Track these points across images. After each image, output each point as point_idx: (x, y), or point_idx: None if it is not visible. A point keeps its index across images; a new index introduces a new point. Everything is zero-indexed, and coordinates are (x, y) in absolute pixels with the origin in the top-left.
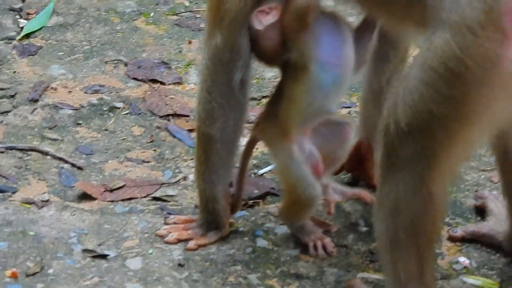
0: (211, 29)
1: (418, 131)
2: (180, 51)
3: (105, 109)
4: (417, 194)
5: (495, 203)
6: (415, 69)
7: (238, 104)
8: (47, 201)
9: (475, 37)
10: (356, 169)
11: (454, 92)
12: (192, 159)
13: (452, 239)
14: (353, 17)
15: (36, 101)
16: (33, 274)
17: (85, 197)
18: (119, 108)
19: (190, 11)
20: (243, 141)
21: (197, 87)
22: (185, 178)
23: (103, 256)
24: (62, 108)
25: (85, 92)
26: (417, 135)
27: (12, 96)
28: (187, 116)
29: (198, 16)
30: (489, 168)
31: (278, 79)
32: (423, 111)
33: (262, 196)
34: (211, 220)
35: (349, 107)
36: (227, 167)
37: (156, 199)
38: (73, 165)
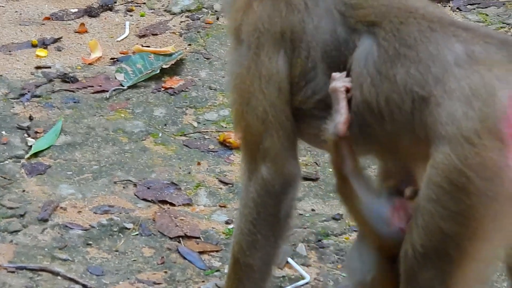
0: (252, 162)
1: (434, 252)
2: (189, 172)
3: (115, 229)
4: None
5: None
6: (423, 189)
7: (284, 234)
8: None
9: (472, 147)
10: None
11: (460, 207)
12: (203, 281)
13: None
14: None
15: (45, 220)
16: None
17: None
18: (129, 229)
19: (198, 132)
20: None
21: (238, 217)
22: None
23: None
24: (72, 228)
25: (95, 212)
26: (433, 257)
27: (21, 216)
28: (198, 238)
29: (206, 137)
30: None
31: None
32: (435, 230)
33: None
34: None
35: None
36: None
37: None
38: (84, 286)
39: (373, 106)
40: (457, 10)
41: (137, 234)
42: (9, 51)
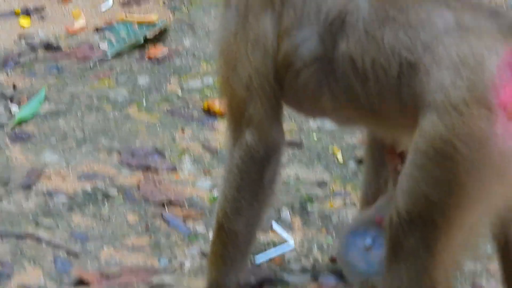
0: (236, 129)
1: (419, 218)
2: (173, 140)
3: (99, 196)
4: (420, 285)
5: None
6: (409, 156)
7: (267, 200)
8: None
9: (460, 115)
10: None
11: (446, 175)
12: (187, 246)
13: None
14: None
15: (30, 187)
16: None
17: (81, 283)
18: (113, 195)
19: (182, 100)
20: None
21: (223, 184)
22: (181, 266)
23: None
24: (56, 195)
25: (79, 179)
26: (418, 223)
27: (5, 183)
28: (182, 204)
29: (190, 105)
30: (485, 258)
31: None
32: (420, 197)
33: (260, 285)
34: None
35: (344, 196)
36: (245, 259)
37: (153, 286)
38: (68, 252)
39: (358, 65)
40: None
41: (121, 201)
42: None
